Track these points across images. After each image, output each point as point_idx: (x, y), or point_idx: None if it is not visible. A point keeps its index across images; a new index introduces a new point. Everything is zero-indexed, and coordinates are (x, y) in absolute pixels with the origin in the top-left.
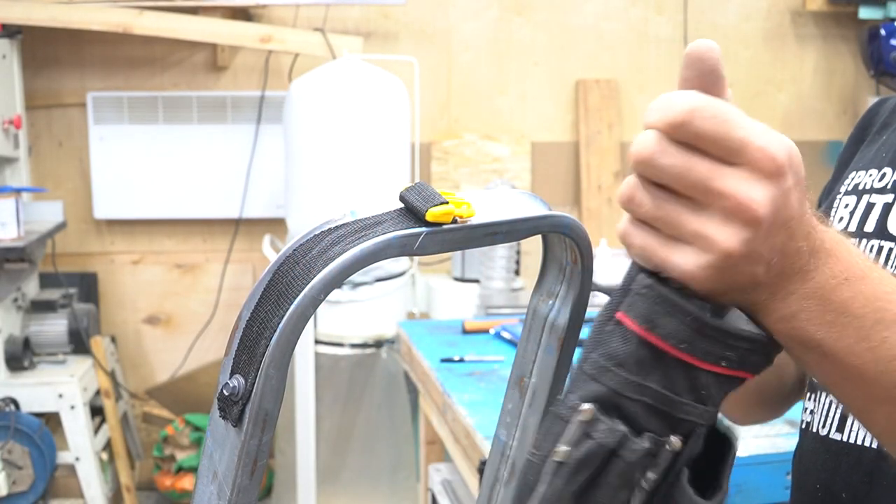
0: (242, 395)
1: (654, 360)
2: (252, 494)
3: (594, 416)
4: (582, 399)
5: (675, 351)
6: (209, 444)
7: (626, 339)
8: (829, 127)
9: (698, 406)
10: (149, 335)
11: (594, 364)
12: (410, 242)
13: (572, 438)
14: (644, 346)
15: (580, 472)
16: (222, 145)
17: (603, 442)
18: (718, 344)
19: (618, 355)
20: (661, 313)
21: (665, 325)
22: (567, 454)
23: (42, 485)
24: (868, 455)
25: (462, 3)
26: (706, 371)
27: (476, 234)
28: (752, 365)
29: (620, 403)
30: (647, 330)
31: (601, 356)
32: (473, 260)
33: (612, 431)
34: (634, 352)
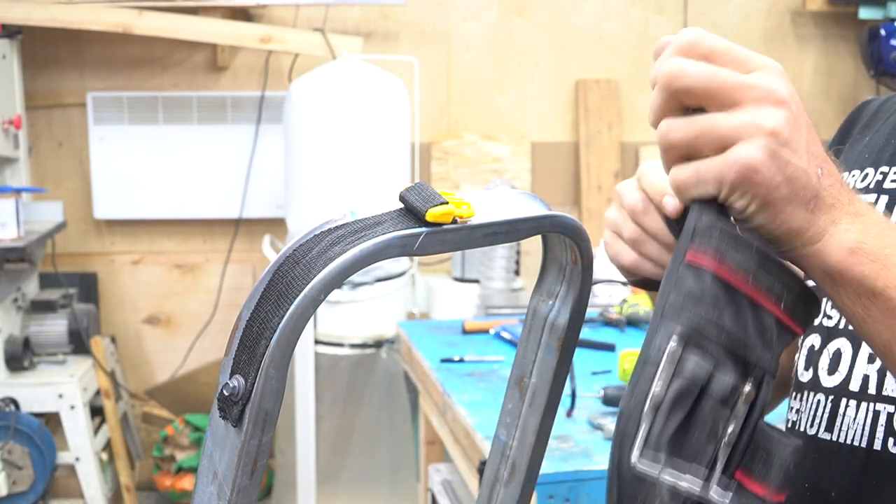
0: (242, 396)
1: (727, 296)
2: (252, 494)
3: (682, 355)
4: (668, 338)
5: (744, 285)
6: (209, 445)
7: (700, 277)
8: (829, 127)
9: (766, 351)
10: (149, 335)
11: (673, 305)
12: (410, 243)
13: (665, 376)
14: (717, 281)
15: (678, 408)
16: (222, 145)
17: (692, 377)
18: (777, 281)
19: (694, 293)
20: (728, 247)
21: (733, 256)
22: (662, 394)
23: (42, 485)
24: (858, 454)
25: (462, 3)
26: (769, 313)
27: (476, 235)
28: (800, 315)
29: (702, 344)
30: (719, 263)
31: (679, 296)
32: (473, 260)
33: (699, 365)
34: (709, 288)
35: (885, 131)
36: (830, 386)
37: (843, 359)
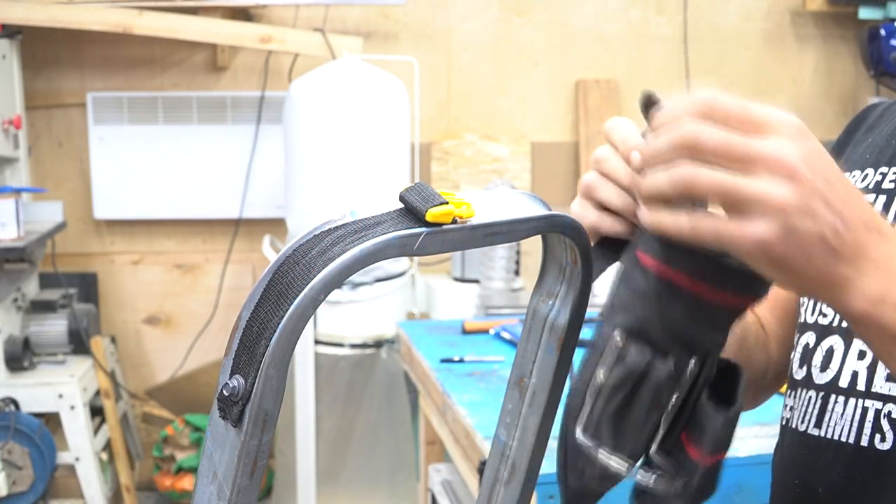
0: (242, 396)
1: (672, 292)
2: (252, 495)
3: (625, 343)
4: (613, 329)
5: (689, 283)
6: (209, 445)
7: (646, 276)
8: (829, 127)
9: (711, 332)
10: (149, 335)
11: (621, 297)
12: (410, 243)
13: (608, 364)
14: (661, 281)
15: (617, 393)
16: (222, 145)
17: (634, 365)
18: (724, 274)
19: (640, 288)
20: (674, 250)
21: (677, 261)
22: (605, 378)
23: (42, 485)
24: (846, 450)
25: (462, 3)
26: (718, 304)
27: (476, 235)
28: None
29: (647, 330)
30: (665, 265)
31: (626, 290)
32: (473, 260)
33: (641, 354)
34: (653, 287)
35: (886, 132)
36: (821, 383)
37: (835, 356)
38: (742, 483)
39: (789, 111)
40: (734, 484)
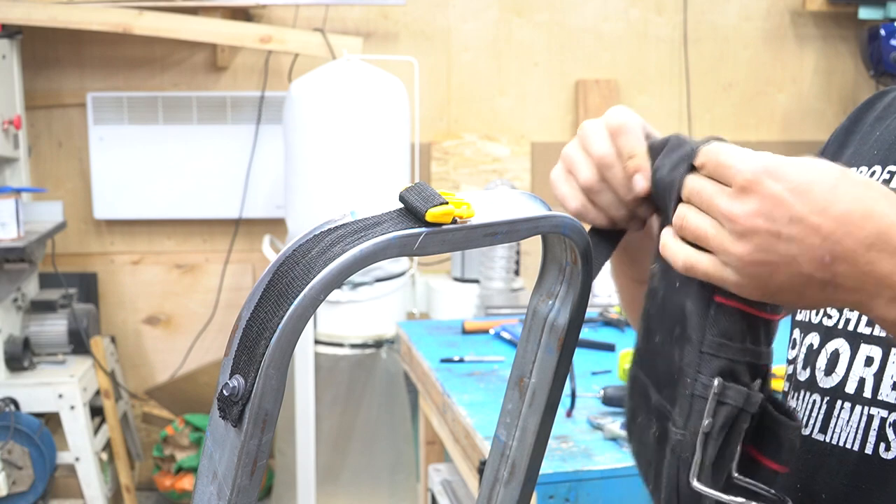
0: (242, 396)
1: (750, 325)
2: (252, 495)
3: (723, 386)
4: (711, 376)
5: (765, 314)
6: (209, 445)
7: (731, 315)
8: (829, 127)
9: (769, 350)
10: (149, 335)
11: (712, 344)
12: (410, 243)
13: (712, 411)
14: (745, 318)
15: (721, 436)
16: (222, 145)
17: (734, 404)
18: None
19: (728, 331)
20: None
21: None
22: (710, 425)
23: (42, 485)
24: (850, 457)
25: (462, 3)
26: (776, 321)
27: (476, 235)
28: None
29: (735, 370)
30: (744, 303)
31: (716, 335)
32: (473, 260)
33: (739, 393)
34: (738, 324)
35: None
36: (827, 387)
37: (841, 360)
38: None
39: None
40: None
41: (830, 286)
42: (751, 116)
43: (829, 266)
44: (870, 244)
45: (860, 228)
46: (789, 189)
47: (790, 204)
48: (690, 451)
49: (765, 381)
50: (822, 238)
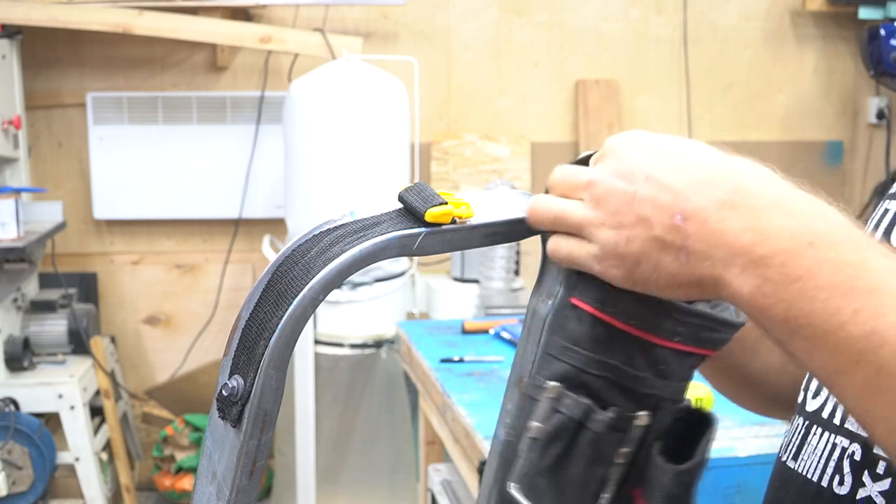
0: (241, 396)
1: (611, 337)
2: (251, 495)
3: (560, 393)
4: (548, 378)
5: (627, 327)
6: (208, 445)
7: (581, 320)
8: (829, 127)
9: (659, 381)
10: (148, 335)
11: (556, 346)
12: (409, 243)
13: (542, 415)
14: (599, 325)
15: (552, 445)
16: (222, 145)
17: (570, 415)
18: (668, 319)
19: (575, 335)
20: (609, 292)
21: (614, 303)
22: (539, 430)
23: (42, 485)
24: (809, 489)
25: (462, 3)
26: (662, 346)
27: (475, 235)
28: (708, 342)
29: (585, 381)
30: (599, 309)
31: (561, 338)
32: (473, 260)
33: (577, 404)
34: (590, 331)
35: None
36: (810, 410)
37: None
38: (742, 483)
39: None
40: (734, 484)
41: (683, 253)
42: (751, 116)
43: (681, 227)
44: (722, 202)
45: (713, 186)
46: (647, 151)
47: (646, 164)
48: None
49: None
50: (673, 195)
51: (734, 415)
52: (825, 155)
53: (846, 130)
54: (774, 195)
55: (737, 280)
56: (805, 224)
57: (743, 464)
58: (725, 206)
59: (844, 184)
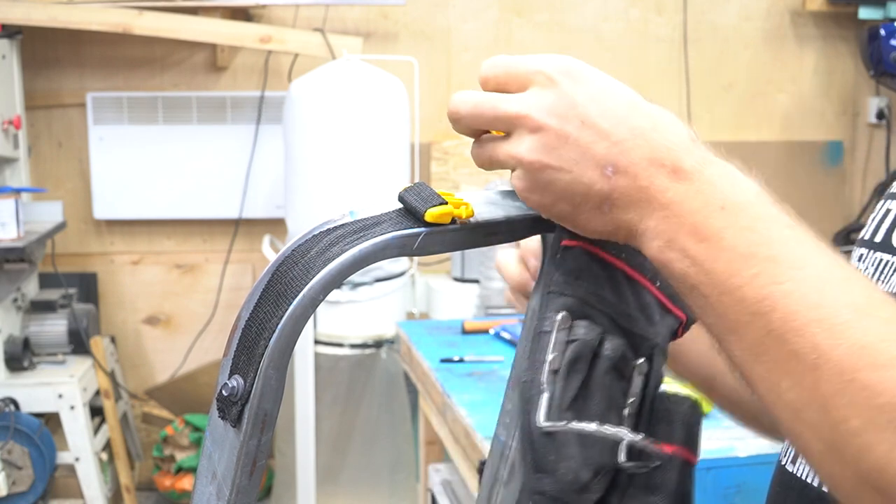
0: (241, 396)
1: (605, 272)
2: (251, 495)
3: (572, 322)
4: (556, 311)
5: (616, 260)
6: (208, 445)
7: (577, 257)
8: (829, 127)
9: (651, 326)
10: (148, 335)
11: (557, 282)
12: (409, 243)
13: (558, 345)
14: (594, 260)
15: (573, 376)
16: (222, 145)
17: (585, 339)
18: (648, 261)
19: (574, 269)
20: None
21: (602, 240)
22: (558, 360)
23: (42, 485)
24: (811, 493)
25: (462, 3)
26: (647, 291)
27: (475, 235)
28: (680, 302)
29: (589, 314)
30: (590, 243)
31: (561, 274)
32: (473, 260)
33: (591, 328)
34: (587, 265)
35: None
36: None
37: None
38: (742, 483)
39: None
40: (734, 484)
41: (607, 203)
42: (751, 116)
43: (610, 178)
44: (653, 158)
45: (648, 142)
46: (587, 93)
47: (585, 107)
48: (538, 389)
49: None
50: (607, 147)
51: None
52: (825, 155)
53: (846, 130)
54: (696, 159)
55: (650, 233)
56: (720, 189)
57: (743, 464)
58: (654, 164)
59: (844, 184)
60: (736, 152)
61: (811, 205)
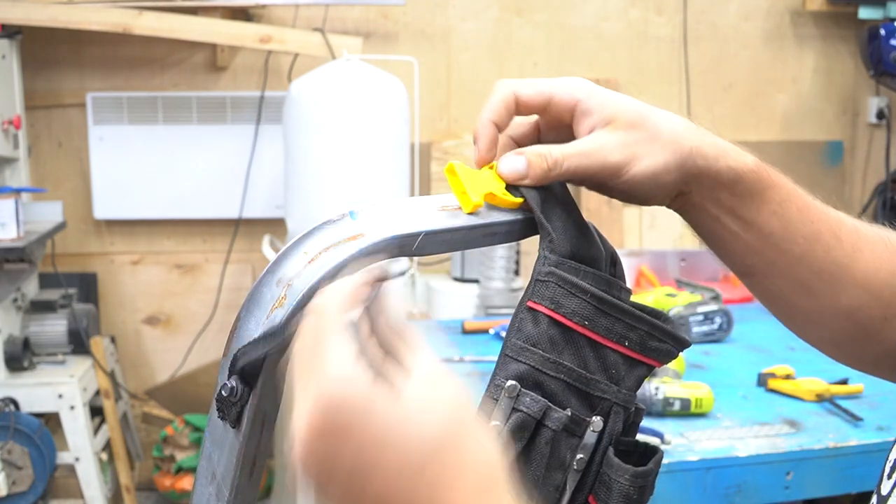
0: (241, 396)
1: (565, 338)
2: (251, 495)
3: (519, 391)
4: (506, 378)
5: (580, 328)
6: (208, 445)
7: (537, 321)
8: (829, 127)
9: (611, 385)
10: (148, 335)
11: (513, 347)
12: (409, 243)
13: (502, 413)
14: (553, 326)
15: (514, 443)
16: (222, 145)
17: (528, 412)
18: (619, 322)
19: (532, 336)
20: (563, 294)
21: (568, 304)
22: (499, 428)
23: (42, 485)
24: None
25: (462, 3)
26: (612, 350)
27: (475, 235)
28: (655, 352)
29: (541, 381)
30: (553, 310)
31: (518, 339)
32: (473, 260)
33: (535, 401)
34: (545, 331)
35: None
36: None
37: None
38: (742, 483)
39: None
40: (734, 484)
41: None
42: (751, 116)
43: None
44: None
45: None
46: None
47: None
48: None
49: (607, 419)
50: None
51: (734, 415)
52: (825, 155)
53: (846, 130)
54: None
55: None
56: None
57: (743, 464)
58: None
59: (844, 184)
60: None
61: None
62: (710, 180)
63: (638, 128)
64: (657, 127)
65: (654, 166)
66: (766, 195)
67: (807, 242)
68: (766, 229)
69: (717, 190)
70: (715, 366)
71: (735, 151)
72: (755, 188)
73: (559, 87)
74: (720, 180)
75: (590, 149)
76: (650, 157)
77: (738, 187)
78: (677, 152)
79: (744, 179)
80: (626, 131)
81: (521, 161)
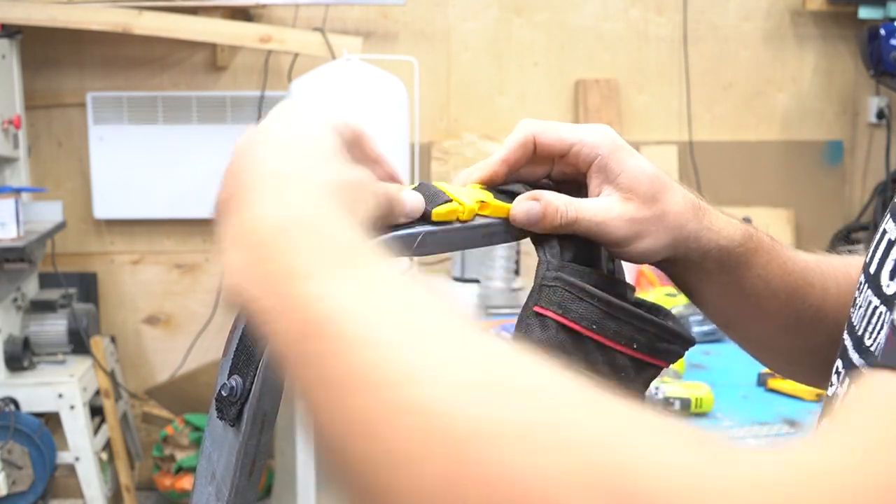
0: (240, 396)
1: (574, 343)
2: (250, 495)
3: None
4: None
5: (588, 332)
6: (207, 445)
7: (546, 327)
8: (829, 127)
9: (621, 388)
10: (148, 335)
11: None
12: (409, 242)
13: None
14: (562, 331)
15: None
16: (222, 145)
17: None
18: (627, 326)
19: (541, 341)
20: (571, 299)
21: (576, 308)
22: None
23: (42, 485)
24: None
25: (462, 3)
26: (621, 353)
27: (475, 235)
28: (663, 353)
29: None
30: (562, 315)
31: (528, 344)
32: (473, 260)
33: None
34: (555, 336)
35: None
36: None
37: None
38: None
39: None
40: None
41: None
42: (751, 116)
43: None
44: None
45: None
46: None
47: None
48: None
49: None
50: None
51: (734, 414)
52: (825, 155)
53: (846, 130)
54: None
55: None
56: None
57: None
58: None
59: (844, 184)
60: (736, 152)
61: (811, 205)
62: (699, 257)
63: (651, 206)
64: (667, 207)
65: (653, 247)
66: (752, 262)
67: (785, 294)
68: (748, 290)
69: (705, 263)
70: (715, 365)
71: (727, 228)
72: (742, 259)
73: (583, 138)
74: (709, 257)
75: (603, 217)
76: (652, 237)
77: (726, 261)
78: (677, 238)
79: (732, 254)
80: (639, 207)
81: (536, 208)
